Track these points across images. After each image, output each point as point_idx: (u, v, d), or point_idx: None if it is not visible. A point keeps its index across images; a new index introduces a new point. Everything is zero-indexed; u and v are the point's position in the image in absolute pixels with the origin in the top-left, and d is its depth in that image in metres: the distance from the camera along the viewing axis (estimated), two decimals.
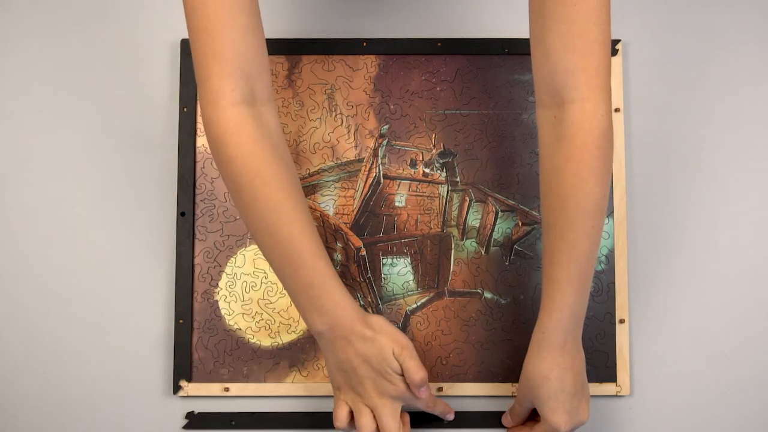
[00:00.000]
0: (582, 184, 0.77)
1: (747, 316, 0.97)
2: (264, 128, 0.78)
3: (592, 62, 0.75)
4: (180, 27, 0.98)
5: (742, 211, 0.98)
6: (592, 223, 0.78)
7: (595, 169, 0.76)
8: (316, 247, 0.79)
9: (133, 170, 0.98)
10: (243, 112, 0.76)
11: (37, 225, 0.97)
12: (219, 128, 0.76)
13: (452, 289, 0.96)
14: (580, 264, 0.79)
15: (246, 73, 0.76)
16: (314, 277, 0.79)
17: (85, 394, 0.96)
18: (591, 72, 0.75)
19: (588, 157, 0.76)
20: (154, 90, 0.98)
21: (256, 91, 0.77)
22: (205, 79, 0.76)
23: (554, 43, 0.75)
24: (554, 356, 0.82)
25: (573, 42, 0.74)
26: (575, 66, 0.75)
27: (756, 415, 0.96)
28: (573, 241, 0.78)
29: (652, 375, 0.96)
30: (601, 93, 0.76)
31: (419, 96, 0.98)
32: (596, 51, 0.75)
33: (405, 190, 0.97)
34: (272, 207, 0.77)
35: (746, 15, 1.00)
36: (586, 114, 0.76)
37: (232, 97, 0.75)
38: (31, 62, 0.99)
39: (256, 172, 0.76)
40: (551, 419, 0.83)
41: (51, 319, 0.96)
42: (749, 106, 0.99)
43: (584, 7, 0.74)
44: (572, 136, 0.76)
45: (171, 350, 0.95)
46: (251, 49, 0.76)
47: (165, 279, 0.97)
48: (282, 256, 0.79)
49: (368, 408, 0.83)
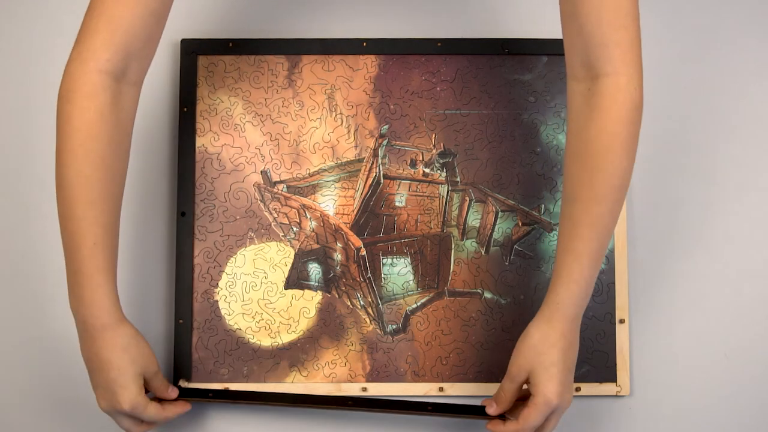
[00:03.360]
0: (612, 157, 0.78)
1: (747, 316, 0.97)
2: (117, 106, 0.78)
3: (626, 36, 0.76)
4: (180, 27, 0.98)
5: (743, 211, 0.98)
6: (616, 197, 0.79)
7: (626, 141, 0.78)
8: (102, 238, 0.78)
9: (133, 170, 0.97)
10: (105, 83, 0.76)
11: (37, 225, 0.97)
12: (74, 85, 0.75)
13: (452, 289, 0.96)
14: (602, 238, 0.80)
15: (128, 52, 0.76)
16: (86, 265, 0.78)
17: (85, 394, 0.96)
18: (625, 46, 0.76)
19: (621, 129, 0.77)
20: (154, 90, 0.98)
21: (128, 70, 0.78)
22: (87, 35, 0.76)
23: (588, 17, 0.76)
24: (565, 327, 0.82)
25: (607, 16, 0.75)
26: (609, 39, 0.76)
27: (756, 415, 0.96)
28: (598, 214, 0.79)
29: (652, 375, 0.96)
30: (634, 66, 0.77)
31: (419, 96, 0.98)
32: (629, 25, 0.76)
33: (405, 190, 0.97)
34: (83, 180, 0.76)
35: (747, 14, 1.00)
36: (620, 87, 0.77)
37: (105, 65, 0.76)
38: (31, 62, 0.99)
39: (85, 140, 0.76)
40: (547, 388, 0.82)
41: (51, 319, 0.96)
42: (750, 105, 0.99)
43: None
44: (606, 108, 0.77)
45: (171, 350, 0.95)
46: (145, 33, 0.77)
47: (165, 279, 0.97)
48: (69, 231, 0.78)
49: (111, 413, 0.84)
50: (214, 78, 0.97)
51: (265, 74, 0.97)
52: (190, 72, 0.97)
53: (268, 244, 0.96)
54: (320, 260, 0.96)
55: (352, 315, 0.95)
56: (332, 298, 0.96)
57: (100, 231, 0.78)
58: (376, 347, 0.95)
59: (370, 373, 0.95)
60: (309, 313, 0.96)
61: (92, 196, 0.77)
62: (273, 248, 0.96)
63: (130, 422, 0.85)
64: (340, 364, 0.95)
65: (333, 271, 0.96)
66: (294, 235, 0.96)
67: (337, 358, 0.95)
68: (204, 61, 0.97)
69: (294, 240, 0.96)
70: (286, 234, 0.96)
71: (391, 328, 0.95)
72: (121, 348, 0.81)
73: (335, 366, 0.95)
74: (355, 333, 0.95)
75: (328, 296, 0.95)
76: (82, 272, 0.78)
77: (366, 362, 0.95)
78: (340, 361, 0.95)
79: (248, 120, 0.97)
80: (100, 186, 0.77)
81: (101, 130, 0.76)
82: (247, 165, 0.97)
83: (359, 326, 0.95)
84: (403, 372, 0.95)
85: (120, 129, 0.79)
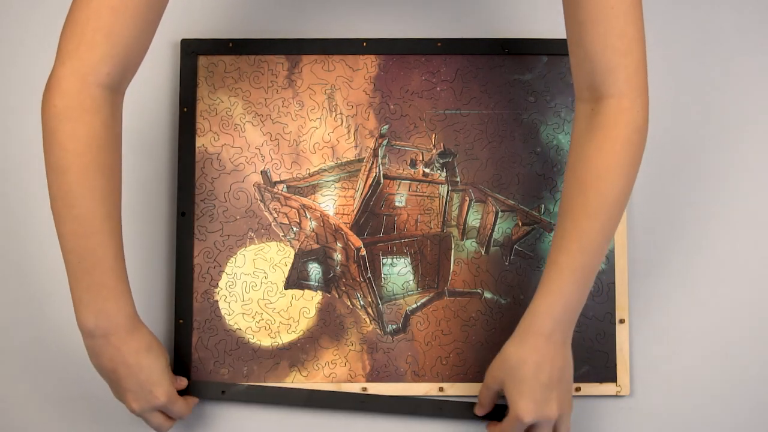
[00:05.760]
0: (606, 175, 0.78)
1: (747, 316, 0.97)
2: (114, 117, 0.77)
3: (631, 60, 0.77)
4: (180, 27, 0.98)
5: (742, 211, 0.98)
6: (608, 216, 0.79)
7: (623, 162, 0.78)
8: (121, 248, 0.79)
9: (133, 170, 0.98)
10: (105, 96, 0.75)
11: (37, 225, 0.97)
12: (73, 101, 0.73)
13: (452, 289, 0.96)
14: (588, 256, 0.80)
15: (126, 64, 0.76)
16: (109, 278, 0.78)
17: (85, 394, 0.96)
18: (630, 70, 0.78)
19: (619, 150, 0.78)
20: (154, 90, 0.98)
21: (123, 81, 0.77)
22: (83, 49, 0.74)
23: (593, 43, 0.77)
24: (538, 342, 0.82)
25: (613, 42, 0.77)
26: (615, 64, 0.77)
27: (756, 415, 0.96)
28: (587, 229, 0.79)
29: (652, 375, 0.96)
30: (638, 90, 0.78)
31: (419, 96, 0.98)
32: (635, 49, 0.77)
33: (405, 190, 0.97)
34: (98, 195, 0.75)
35: (748, 14, 1.00)
36: (623, 108, 0.78)
37: (105, 79, 0.75)
38: (31, 61, 0.99)
39: (96, 154, 0.75)
40: (517, 405, 0.82)
41: (51, 319, 0.96)
42: (750, 105, 0.99)
43: (621, 7, 0.76)
44: (606, 128, 0.78)
45: (171, 350, 0.95)
46: (143, 45, 0.77)
47: (165, 279, 0.97)
48: (85, 248, 0.76)
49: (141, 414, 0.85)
50: (214, 78, 0.97)
51: (265, 74, 0.97)
52: (190, 72, 0.97)
53: (268, 244, 0.96)
54: (320, 260, 0.96)
55: (352, 315, 0.95)
56: (332, 298, 0.96)
57: (118, 242, 0.79)
58: (376, 347, 0.95)
59: (370, 373, 0.95)
60: (309, 313, 0.96)
61: (108, 209, 0.77)
62: (273, 248, 0.96)
63: (162, 418, 0.86)
64: (340, 364, 0.95)
65: (333, 271, 0.96)
66: (294, 235, 0.96)
67: (337, 358, 0.95)
68: (204, 61, 0.98)
69: (294, 240, 0.96)
70: (286, 234, 0.96)
71: (391, 328, 0.95)
72: (145, 349, 0.82)
73: (335, 366, 0.95)
74: (355, 333, 0.95)
75: (328, 296, 0.95)
76: (105, 285, 0.78)
77: (366, 362, 0.95)
78: (340, 361, 0.95)
79: (248, 120, 0.97)
80: (113, 197, 0.77)
81: (107, 143, 0.76)
82: (247, 165, 0.97)
83: (359, 326, 0.95)
84: (403, 372, 0.95)
85: (118, 138, 0.79)
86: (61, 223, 0.76)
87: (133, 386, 0.82)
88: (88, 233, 0.76)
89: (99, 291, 0.78)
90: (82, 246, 0.76)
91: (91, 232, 0.76)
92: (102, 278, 0.78)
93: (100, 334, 0.79)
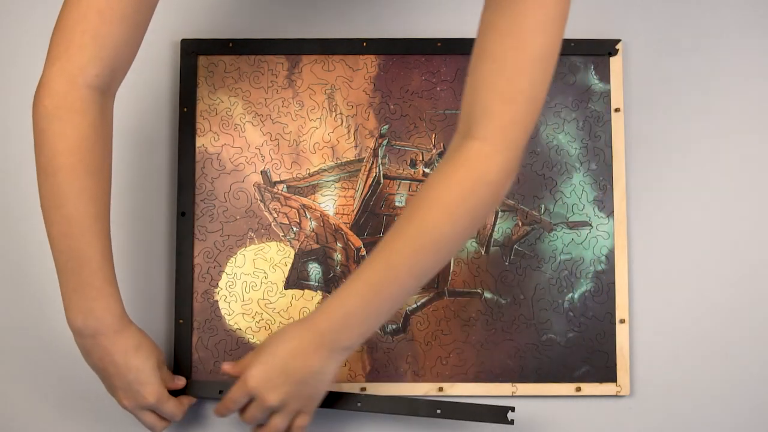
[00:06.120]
0: (437, 214, 0.75)
1: (747, 316, 0.97)
2: (104, 119, 0.78)
3: (510, 110, 0.73)
4: (180, 27, 0.98)
5: (742, 211, 0.98)
6: (425, 250, 0.76)
7: (459, 209, 0.74)
8: (108, 248, 0.79)
9: (133, 170, 0.98)
10: (94, 97, 0.76)
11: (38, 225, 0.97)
12: (62, 101, 0.74)
13: (452, 289, 0.96)
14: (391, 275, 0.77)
15: (115, 67, 0.76)
16: (96, 278, 0.78)
17: (85, 394, 0.96)
18: (506, 119, 0.73)
19: (458, 194, 0.74)
20: (154, 90, 0.98)
21: (112, 82, 0.78)
22: (72, 51, 0.74)
23: (484, 79, 0.73)
24: (307, 334, 0.80)
25: (501, 85, 0.72)
26: (493, 108, 0.73)
27: (756, 415, 0.96)
28: (397, 250, 0.77)
29: (652, 375, 0.96)
30: (507, 143, 0.73)
31: (419, 96, 0.98)
32: (519, 101, 0.72)
33: (405, 190, 0.97)
34: (86, 195, 0.76)
35: (746, 14, 1.00)
36: (482, 155, 0.74)
37: (94, 81, 0.75)
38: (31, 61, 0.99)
39: (84, 155, 0.75)
40: (252, 366, 0.81)
41: (51, 319, 0.96)
42: (749, 105, 0.99)
43: (522, 54, 0.71)
44: (459, 168, 0.74)
45: (171, 350, 0.95)
46: (131, 48, 0.77)
47: (165, 279, 0.97)
48: (71, 248, 0.77)
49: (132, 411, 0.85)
50: (214, 78, 0.97)
51: (265, 74, 0.98)
52: (190, 72, 0.97)
53: (268, 244, 0.96)
54: (320, 260, 0.96)
55: None
56: None
57: (106, 242, 0.79)
58: (376, 347, 0.95)
59: (370, 373, 0.95)
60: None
61: (96, 210, 0.77)
62: (273, 248, 0.96)
63: (154, 417, 0.86)
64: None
65: (333, 271, 0.96)
66: (294, 235, 0.96)
67: None
68: (204, 61, 0.98)
69: (294, 240, 0.96)
70: (286, 234, 0.96)
71: (391, 328, 0.95)
72: (133, 348, 0.82)
73: None
74: None
75: (328, 296, 0.95)
76: (93, 286, 0.78)
77: (366, 362, 0.95)
78: None
79: (248, 120, 0.97)
80: (101, 198, 0.78)
81: (96, 144, 0.76)
82: (247, 165, 0.97)
83: None
84: (403, 372, 0.95)
85: (108, 140, 0.79)
86: (49, 223, 0.77)
87: (122, 385, 0.83)
88: (76, 234, 0.76)
89: (87, 291, 0.78)
90: (70, 246, 0.77)
91: (80, 233, 0.76)
92: (90, 279, 0.78)
93: (89, 334, 0.80)
